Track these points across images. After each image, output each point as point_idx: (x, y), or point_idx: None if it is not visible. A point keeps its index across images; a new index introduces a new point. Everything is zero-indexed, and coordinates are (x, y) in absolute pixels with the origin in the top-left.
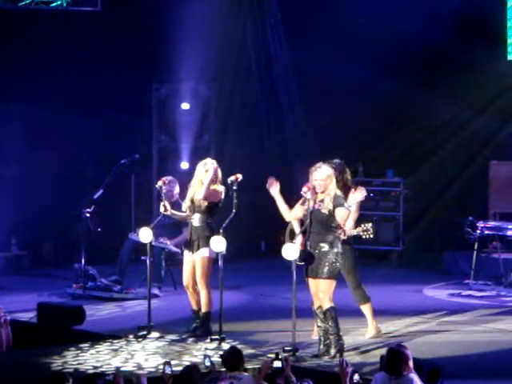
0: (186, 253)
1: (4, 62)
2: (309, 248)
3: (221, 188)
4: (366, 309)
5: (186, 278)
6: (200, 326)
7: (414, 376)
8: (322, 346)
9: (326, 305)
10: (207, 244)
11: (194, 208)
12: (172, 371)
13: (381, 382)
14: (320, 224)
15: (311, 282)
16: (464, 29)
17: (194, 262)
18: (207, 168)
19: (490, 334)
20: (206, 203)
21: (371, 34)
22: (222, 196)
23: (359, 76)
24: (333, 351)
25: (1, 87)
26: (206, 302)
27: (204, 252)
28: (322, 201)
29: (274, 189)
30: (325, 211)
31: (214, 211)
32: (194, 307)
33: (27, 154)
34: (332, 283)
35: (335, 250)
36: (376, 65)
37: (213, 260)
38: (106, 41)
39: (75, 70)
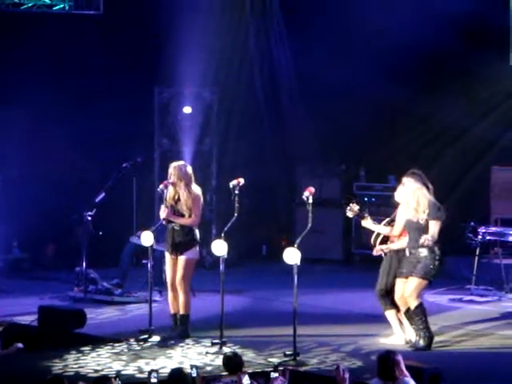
0: (168, 255)
1: (5, 65)
2: (407, 253)
3: (197, 191)
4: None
5: (171, 278)
6: (180, 328)
7: (410, 380)
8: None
9: (414, 302)
10: (191, 247)
11: (174, 211)
12: (158, 379)
13: None
14: (418, 231)
15: (401, 284)
16: (467, 34)
17: (177, 264)
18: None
19: (491, 341)
20: (187, 207)
21: (375, 38)
22: (201, 198)
23: (362, 81)
24: (422, 343)
25: (2, 90)
26: (185, 304)
27: (188, 255)
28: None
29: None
30: (422, 222)
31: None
32: (174, 311)
33: (29, 156)
34: (423, 283)
35: (434, 254)
36: (379, 70)
37: (195, 263)
38: (108, 44)
39: (77, 73)
